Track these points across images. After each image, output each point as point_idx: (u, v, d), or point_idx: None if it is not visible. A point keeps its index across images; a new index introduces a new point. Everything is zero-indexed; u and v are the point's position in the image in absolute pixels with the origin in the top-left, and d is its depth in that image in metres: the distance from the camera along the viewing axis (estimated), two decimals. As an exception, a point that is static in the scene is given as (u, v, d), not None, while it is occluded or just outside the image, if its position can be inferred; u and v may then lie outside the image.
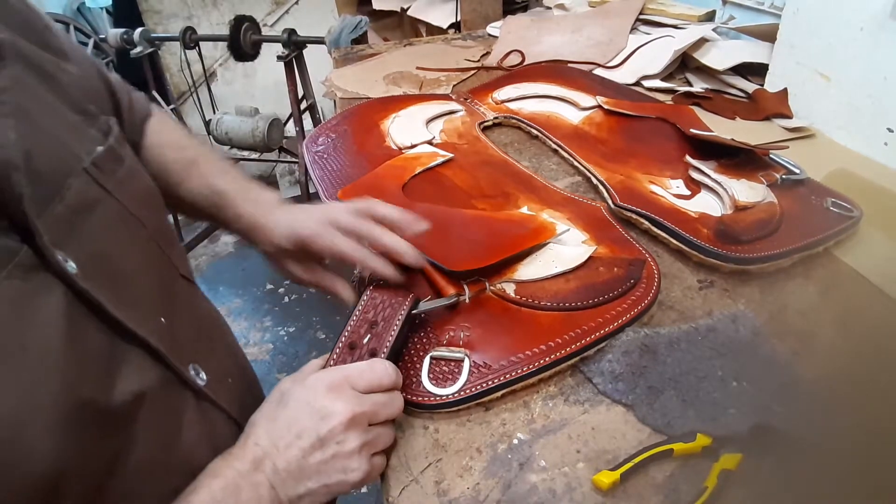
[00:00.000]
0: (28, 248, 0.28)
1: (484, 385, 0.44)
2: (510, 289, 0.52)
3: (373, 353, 0.43)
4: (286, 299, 2.19)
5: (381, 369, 0.40)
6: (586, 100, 0.87)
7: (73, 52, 0.43)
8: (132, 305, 0.33)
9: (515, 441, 0.42)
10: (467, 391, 0.44)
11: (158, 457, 0.33)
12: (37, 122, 0.32)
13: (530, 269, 0.54)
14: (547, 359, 0.46)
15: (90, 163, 0.34)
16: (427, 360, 0.47)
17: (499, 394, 0.45)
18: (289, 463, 0.36)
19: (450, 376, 0.45)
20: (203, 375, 0.39)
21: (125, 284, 0.33)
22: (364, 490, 1.40)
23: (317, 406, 0.37)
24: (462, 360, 0.46)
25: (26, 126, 0.30)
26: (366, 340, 0.44)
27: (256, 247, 0.54)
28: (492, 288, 0.52)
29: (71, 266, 0.29)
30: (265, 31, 2.36)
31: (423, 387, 0.45)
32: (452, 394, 0.44)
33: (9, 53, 0.32)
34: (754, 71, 0.93)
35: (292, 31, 1.86)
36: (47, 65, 0.37)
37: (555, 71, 1.02)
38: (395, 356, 0.44)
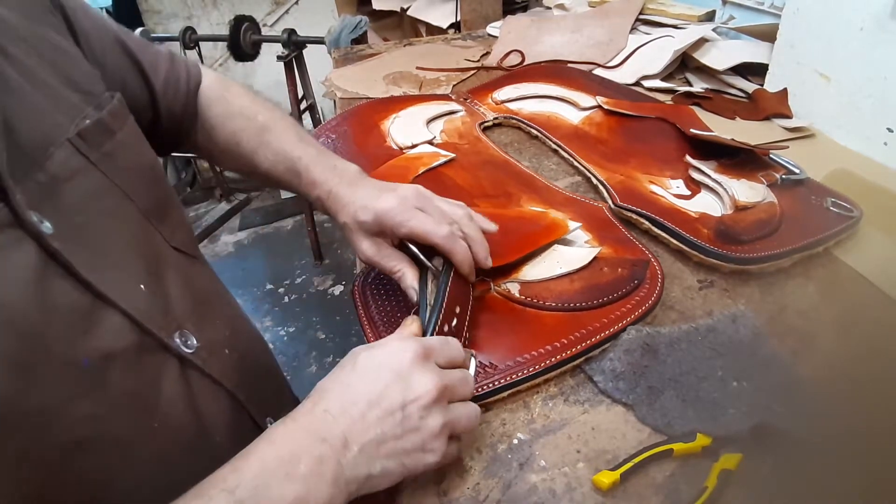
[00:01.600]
0: (4, 206, 0.29)
1: (490, 385, 0.44)
2: (515, 289, 0.52)
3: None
4: (286, 299, 2.19)
5: (456, 345, 0.40)
6: (586, 100, 0.87)
7: (92, 31, 0.44)
8: (109, 269, 0.34)
9: (515, 441, 0.42)
10: (474, 391, 0.44)
11: (136, 420, 0.34)
12: (21, 95, 0.33)
13: (535, 270, 0.54)
14: (553, 359, 0.46)
15: (75, 133, 0.35)
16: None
17: (504, 394, 0.45)
18: (365, 434, 0.32)
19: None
20: (192, 342, 0.39)
21: (102, 250, 0.34)
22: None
23: (403, 373, 0.34)
24: (468, 358, 0.46)
25: (8, 98, 0.32)
26: (447, 328, 0.43)
27: (333, 218, 0.52)
28: (496, 288, 0.52)
29: (46, 227, 0.30)
30: (265, 31, 2.37)
31: None
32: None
33: None
34: (754, 71, 0.94)
35: (292, 31, 1.86)
36: (43, 45, 0.38)
37: (555, 71, 1.02)
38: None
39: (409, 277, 0.47)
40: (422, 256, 0.47)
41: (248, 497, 0.29)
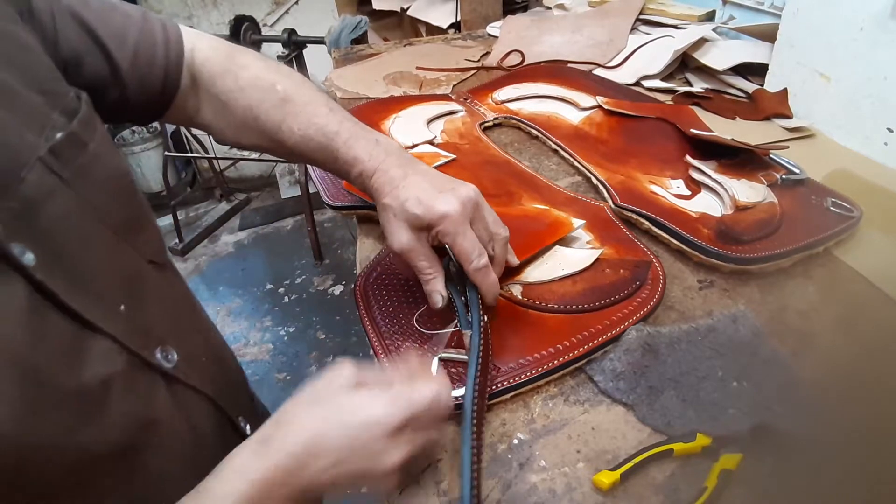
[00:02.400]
0: None
1: (493, 388, 0.44)
2: (517, 291, 0.52)
3: (458, 377, 0.43)
4: (286, 299, 2.19)
5: (445, 407, 0.37)
6: (586, 100, 0.87)
7: (43, 6, 0.39)
8: (90, 295, 0.33)
9: (515, 441, 0.42)
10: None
11: (137, 438, 0.34)
12: None
13: (537, 272, 0.54)
14: (555, 361, 0.46)
15: (47, 150, 0.33)
16: (435, 362, 0.46)
17: (507, 396, 0.45)
18: (321, 482, 0.34)
19: (458, 378, 0.45)
20: (173, 357, 0.39)
21: (82, 275, 0.33)
22: (364, 490, 1.39)
23: (374, 449, 0.34)
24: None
25: None
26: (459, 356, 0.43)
27: (373, 196, 0.47)
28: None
29: (28, 258, 0.29)
30: (265, 31, 2.37)
31: None
32: (461, 396, 0.44)
33: None
34: (754, 71, 0.94)
35: (292, 31, 1.87)
36: (5, 44, 0.35)
37: (555, 71, 1.02)
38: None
39: (438, 283, 0.46)
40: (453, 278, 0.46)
41: None
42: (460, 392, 0.44)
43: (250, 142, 0.52)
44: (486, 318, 0.46)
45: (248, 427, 0.48)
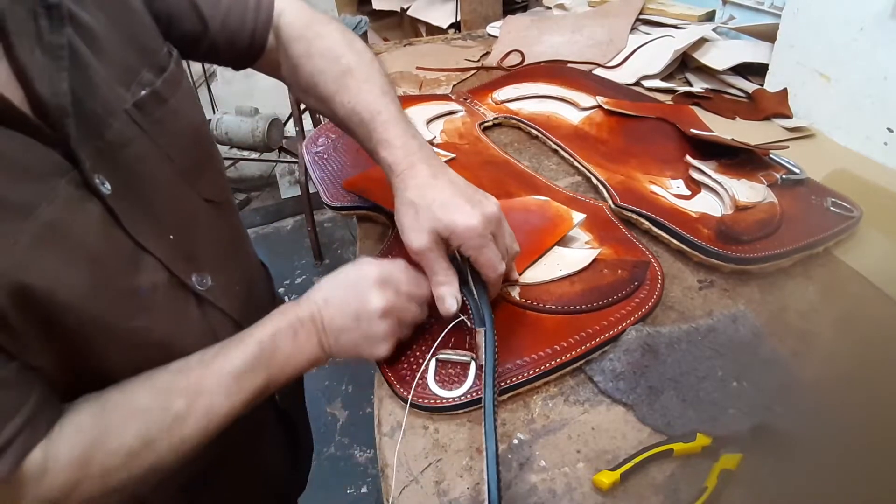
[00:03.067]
0: (76, 171, 0.36)
1: None
2: (515, 292, 0.52)
3: (455, 378, 0.46)
4: (286, 299, 2.18)
5: (426, 290, 0.46)
6: (586, 100, 0.87)
7: None
8: (146, 223, 0.41)
9: (515, 441, 0.42)
10: (473, 394, 0.44)
11: (170, 339, 0.43)
12: (90, 70, 0.38)
13: (535, 272, 0.54)
14: (553, 362, 0.46)
15: (132, 104, 0.41)
16: (433, 363, 0.46)
17: (504, 397, 0.45)
18: (332, 321, 0.44)
19: (455, 379, 0.45)
20: (207, 282, 0.47)
21: (144, 207, 0.41)
22: (364, 490, 1.40)
23: (361, 290, 0.44)
24: (468, 363, 0.46)
25: (79, 77, 0.37)
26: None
27: (394, 188, 0.47)
28: None
29: (106, 188, 0.38)
30: (265, 31, 2.36)
31: (430, 389, 0.45)
32: (459, 396, 0.44)
33: (67, 13, 0.37)
34: (754, 71, 0.94)
35: (292, 31, 1.86)
36: (116, 5, 0.42)
37: (555, 71, 1.02)
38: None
39: (452, 288, 0.45)
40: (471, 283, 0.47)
41: (268, 345, 0.42)
42: (458, 392, 0.44)
43: (311, 105, 0.57)
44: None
45: None
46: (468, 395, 0.44)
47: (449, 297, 0.45)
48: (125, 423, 0.37)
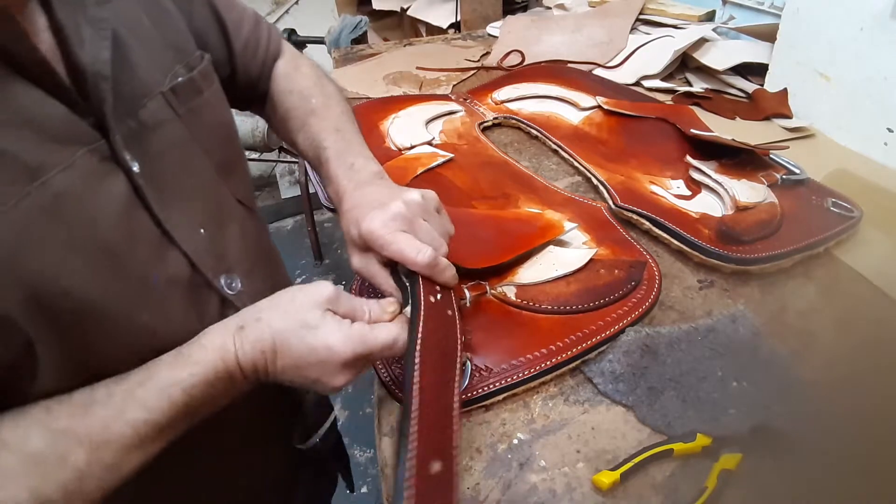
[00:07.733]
0: (105, 142, 0.35)
1: (485, 388, 0.44)
2: (511, 292, 0.52)
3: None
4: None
5: (398, 350, 0.39)
6: (586, 100, 0.87)
7: None
8: (175, 210, 0.39)
9: (515, 441, 0.42)
10: (469, 394, 0.44)
11: (175, 341, 0.38)
12: (129, 49, 0.39)
13: (531, 272, 0.54)
14: (548, 363, 0.46)
15: (169, 88, 0.41)
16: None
17: (500, 397, 0.45)
18: (284, 373, 0.38)
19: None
20: (236, 285, 0.44)
21: (174, 193, 0.39)
22: (364, 490, 1.40)
23: (325, 369, 0.38)
24: (464, 364, 0.46)
25: (119, 51, 0.37)
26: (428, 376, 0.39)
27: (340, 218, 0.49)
28: (492, 291, 0.52)
29: (135, 165, 0.36)
30: (265, 31, 2.36)
31: None
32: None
33: None
34: (754, 71, 0.94)
35: (292, 31, 1.86)
36: (156, 9, 0.44)
37: (555, 71, 1.02)
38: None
39: (390, 327, 0.42)
40: (405, 281, 0.43)
41: (198, 396, 0.36)
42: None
43: (284, 138, 0.59)
44: (440, 297, 0.43)
45: None
46: (464, 396, 0.44)
47: (390, 337, 0.40)
48: (15, 473, 0.29)
